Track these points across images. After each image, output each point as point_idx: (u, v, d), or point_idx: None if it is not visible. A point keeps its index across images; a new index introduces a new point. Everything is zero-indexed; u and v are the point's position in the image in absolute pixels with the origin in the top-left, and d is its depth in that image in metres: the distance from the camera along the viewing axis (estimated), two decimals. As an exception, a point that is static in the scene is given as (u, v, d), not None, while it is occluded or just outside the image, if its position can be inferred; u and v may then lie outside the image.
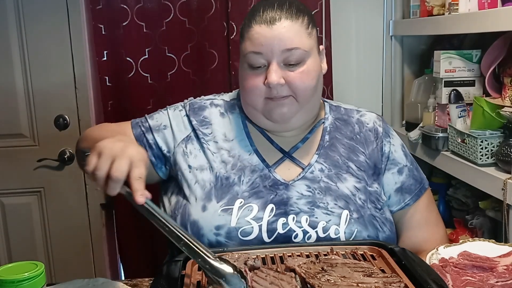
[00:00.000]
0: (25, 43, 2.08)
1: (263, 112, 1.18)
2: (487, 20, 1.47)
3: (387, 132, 1.28)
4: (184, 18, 2.11)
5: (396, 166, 1.25)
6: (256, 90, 1.15)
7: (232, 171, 1.18)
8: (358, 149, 1.24)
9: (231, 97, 1.31)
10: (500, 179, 1.41)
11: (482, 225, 1.73)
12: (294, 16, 1.14)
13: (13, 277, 0.81)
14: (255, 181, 1.17)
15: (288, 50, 1.12)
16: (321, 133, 1.26)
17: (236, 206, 1.13)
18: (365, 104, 2.23)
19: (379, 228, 1.16)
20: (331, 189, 1.17)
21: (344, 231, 1.12)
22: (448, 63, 1.74)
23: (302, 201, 1.15)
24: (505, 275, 1.00)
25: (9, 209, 2.18)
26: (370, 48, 2.26)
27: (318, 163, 1.21)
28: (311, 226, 1.12)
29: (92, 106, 2.17)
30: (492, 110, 1.54)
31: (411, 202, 1.26)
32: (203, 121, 1.25)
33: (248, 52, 1.14)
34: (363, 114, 1.31)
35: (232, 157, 1.20)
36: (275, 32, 1.12)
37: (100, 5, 2.09)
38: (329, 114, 1.29)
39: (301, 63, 1.14)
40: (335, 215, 1.13)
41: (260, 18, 1.13)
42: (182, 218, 1.15)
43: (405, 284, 0.87)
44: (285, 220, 1.12)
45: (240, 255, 0.97)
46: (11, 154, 2.14)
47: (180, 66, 2.14)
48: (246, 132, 1.24)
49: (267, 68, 1.13)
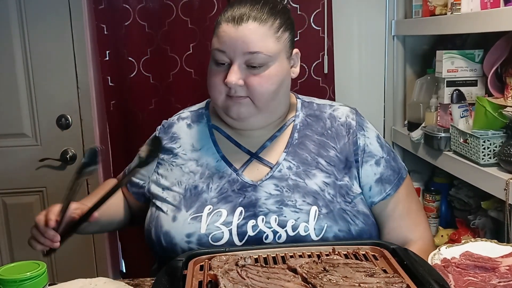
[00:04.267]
0: (27, 43, 2.08)
1: (223, 109, 1.20)
2: (489, 20, 1.47)
3: (360, 125, 1.27)
4: (186, 18, 2.11)
5: (373, 158, 1.24)
6: (217, 86, 1.17)
7: (201, 180, 1.21)
8: (329, 144, 1.24)
9: (199, 107, 1.35)
10: (502, 179, 1.40)
11: (484, 225, 1.73)
12: (264, 19, 1.13)
13: (15, 276, 0.81)
14: (224, 186, 1.19)
15: (250, 53, 1.12)
16: (291, 131, 1.26)
17: (205, 213, 1.15)
18: (367, 104, 2.26)
19: (350, 222, 1.15)
20: (299, 186, 1.18)
21: (314, 227, 1.12)
22: (450, 63, 1.74)
23: (270, 201, 1.16)
24: (507, 276, 1.00)
25: (11, 209, 2.19)
26: (372, 48, 2.26)
27: (286, 161, 1.21)
28: (280, 225, 1.13)
29: (94, 106, 2.17)
30: (494, 110, 1.54)
31: (391, 192, 1.24)
32: (172, 137, 1.29)
33: (214, 48, 1.16)
34: (336, 108, 1.30)
35: (200, 166, 1.23)
36: (240, 33, 1.12)
37: (103, 5, 2.09)
38: (300, 111, 1.29)
39: (264, 67, 1.14)
40: (304, 212, 1.14)
41: (229, 15, 1.14)
42: (155, 230, 1.19)
43: (407, 285, 0.87)
44: (254, 222, 1.13)
45: (229, 257, 0.98)
46: (13, 154, 2.15)
47: (182, 66, 2.15)
48: (213, 140, 1.26)
49: (230, 66, 1.14)
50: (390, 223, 1.25)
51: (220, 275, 0.89)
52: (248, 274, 0.90)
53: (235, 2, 1.17)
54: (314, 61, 2.17)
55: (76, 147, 2.17)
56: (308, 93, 1.42)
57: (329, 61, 2.17)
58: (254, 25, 1.12)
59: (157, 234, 1.18)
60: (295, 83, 2.13)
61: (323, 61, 2.17)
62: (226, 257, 0.98)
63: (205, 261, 0.99)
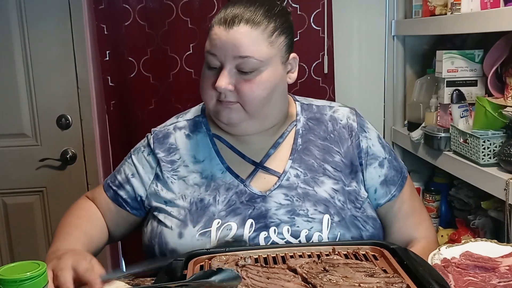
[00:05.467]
0: (27, 43, 2.08)
1: (213, 113, 1.15)
2: (489, 20, 1.47)
3: (362, 127, 1.24)
4: (186, 18, 2.11)
5: (376, 160, 1.22)
6: (208, 91, 1.13)
7: (206, 192, 1.15)
8: (333, 149, 1.21)
9: (194, 114, 1.27)
10: (502, 179, 1.40)
11: (484, 225, 1.73)
12: (257, 22, 1.08)
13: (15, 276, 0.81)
14: (231, 198, 1.14)
15: (241, 57, 1.08)
16: (294, 136, 1.22)
17: (214, 228, 1.10)
18: (367, 103, 2.26)
19: (361, 228, 1.14)
20: (309, 194, 1.15)
21: (328, 236, 1.10)
22: (450, 63, 1.74)
23: (281, 211, 1.12)
24: (508, 275, 1.00)
25: (11, 209, 2.19)
26: (372, 48, 2.26)
27: (293, 168, 1.18)
28: (293, 236, 1.10)
29: (94, 106, 2.17)
30: (494, 110, 1.54)
31: (396, 193, 1.23)
32: (170, 149, 1.22)
33: (206, 51, 1.13)
34: (336, 110, 1.27)
35: (205, 178, 1.17)
36: (231, 36, 1.08)
37: (103, 5, 2.09)
38: (301, 115, 1.25)
39: (255, 72, 1.09)
40: (316, 221, 1.11)
41: (221, 17, 1.10)
42: (159, 247, 1.14)
43: (407, 285, 0.87)
44: (266, 233, 1.10)
45: (229, 257, 0.98)
46: (13, 154, 2.15)
47: (182, 66, 2.14)
48: (216, 151, 1.20)
49: (221, 70, 1.10)
50: (396, 223, 1.25)
51: (220, 275, 0.89)
52: (248, 274, 0.90)
53: (230, 3, 1.12)
54: (314, 61, 2.17)
55: (76, 147, 2.17)
56: (308, 93, 1.41)
57: (329, 61, 2.17)
58: (246, 29, 1.07)
59: (162, 251, 1.13)
60: (295, 83, 2.12)
61: (323, 61, 2.17)
62: (226, 257, 0.98)
63: (205, 261, 0.99)
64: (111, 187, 1.25)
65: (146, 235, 1.20)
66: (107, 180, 1.28)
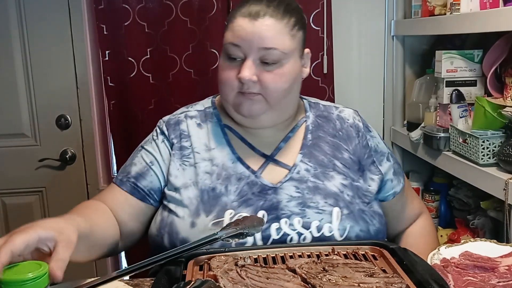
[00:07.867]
0: (26, 43, 2.08)
1: (233, 105, 1.17)
2: (488, 20, 1.47)
3: (367, 127, 1.31)
4: (185, 18, 2.11)
5: (384, 156, 1.30)
6: (229, 82, 1.15)
7: (218, 181, 1.16)
8: (342, 146, 1.25)
9: (205, 106, 1.29)
10: (501, 179, 1.40)
11: (484, 225, 1.73)
12: (280, 15, 1.13)
13: (17, 277, 0.81)
14: (243, 189, 1.16)
15: (265, 49, 1.11)
16: (304, 131, 1.26)
17: (227, 218, 1.11)
18: (367, 104, 2.26)
19: (369, 222, 1.17)
20: (319, 187, 1.17)
21: (338, 228, 1.13)
22: (449, 63, 1.74)
23: (292, 203, 1.14)
24: (507, 276, 1.00)
25: (10, 209, 2.19)
26: (372, 48, 2.26)
27: (303, 163, 1.21)
28: (304, 227, 1.12)
29: (93, 106, 2.17)
30: (493, 110, 1.54)
31: (403, 180, 1.33)
32: (181, 135, 1.23)
33: (227, 43, 1.14)
34: (341, 110, 1.32)
35: (216, 166, 1.18)
36: (256, 28, 1.11)
37: (102, 5, 2.09)
38: (310, 112, 1.29)
39: (278, 63, 1.13)
40: (327, 213, 1.14)
41: (245, 10, 1.13)
42: (170, 237, 1.13)
43: (407, 285, 0.87)
44: (278, 225, 1.12)
45: (229, 257, 0.98)
46: (12, 154, 2.15)
47: (182, 66, 2.14)
48: (227, 140, 1.22)
49: (243, 61, 1.13)
50: (407, 208, 1.36)
51: (219, 275, 0.89)
52: (248, 274, 0.90)
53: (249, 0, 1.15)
54: (314, 61, 2.17)
55: (76, 147, 2.17)
56: (307, 93, 1.41)
57: (328, 61, 2.17)
58: (271, 21, 1.11)
59: (171, 241, 1.13)
60: (295, 83, 2.13)
61: (322, 61, 2.17)
62: (225, 257, 0.98)
63: (205, 261, 0.99)
64: (127, 181, 1.21)
65: (155, 225, 1.19)
66: (117, 177, 1.25)
